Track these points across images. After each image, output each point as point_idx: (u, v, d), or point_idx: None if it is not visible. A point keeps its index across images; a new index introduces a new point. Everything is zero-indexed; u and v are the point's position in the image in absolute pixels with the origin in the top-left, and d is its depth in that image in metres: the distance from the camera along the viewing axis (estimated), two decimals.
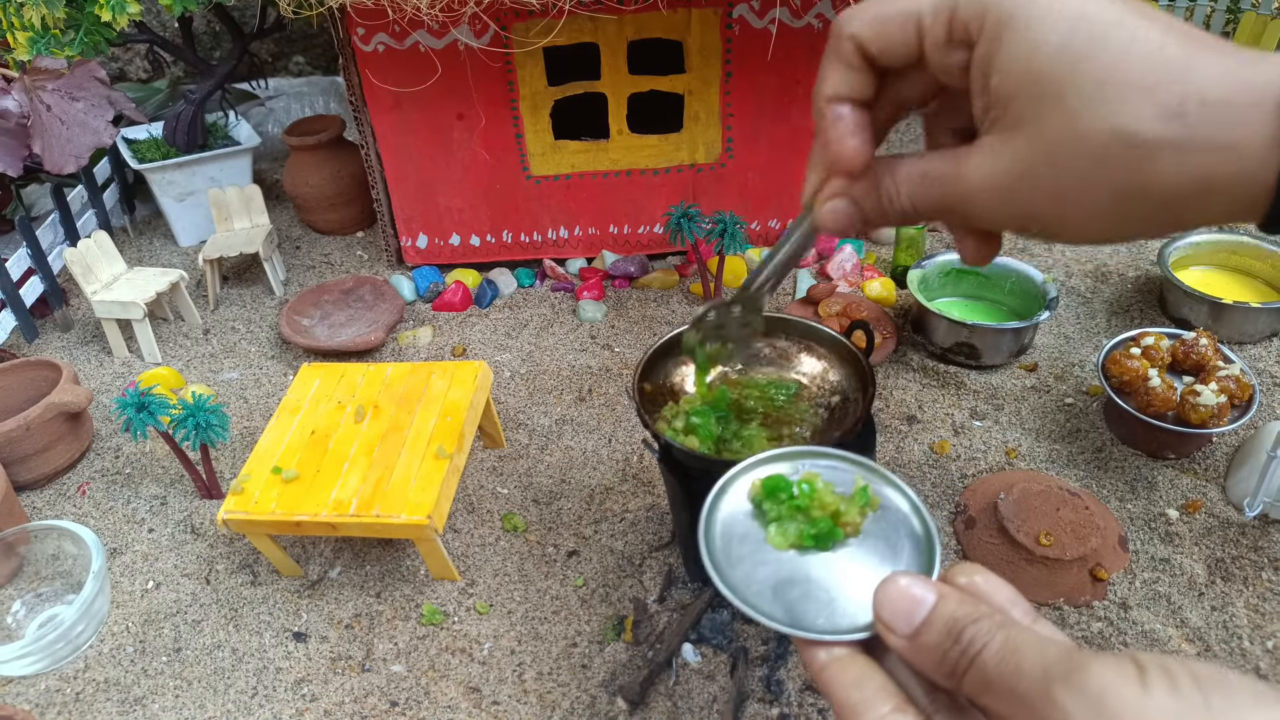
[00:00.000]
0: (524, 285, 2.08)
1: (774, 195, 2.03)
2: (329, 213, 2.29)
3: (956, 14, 0.42)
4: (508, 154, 1.94)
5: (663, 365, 1.22)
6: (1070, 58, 0.38)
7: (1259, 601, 1.26)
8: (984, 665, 0.39)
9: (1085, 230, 0.41)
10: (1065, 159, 0.39)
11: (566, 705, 1.21)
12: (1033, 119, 0.40)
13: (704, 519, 0.55)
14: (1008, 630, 0.40)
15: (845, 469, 0.57)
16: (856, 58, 0.47)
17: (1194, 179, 0.37)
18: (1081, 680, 0.35)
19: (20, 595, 1.40)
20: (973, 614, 0.41)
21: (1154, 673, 0.35)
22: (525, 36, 1.71)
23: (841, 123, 0.47)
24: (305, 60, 3.03)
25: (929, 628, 0.42)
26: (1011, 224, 0.43)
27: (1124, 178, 0.38)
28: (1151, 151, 0.37)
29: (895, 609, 0.43)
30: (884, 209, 0.48)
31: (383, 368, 1.52)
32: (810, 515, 0.53)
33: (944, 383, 1.70)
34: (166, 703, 1.26)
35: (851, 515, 0.52)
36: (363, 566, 1.43)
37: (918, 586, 0.43)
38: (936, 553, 0.51)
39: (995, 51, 0.41)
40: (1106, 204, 0.40)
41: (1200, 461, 1.48)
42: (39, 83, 1.80)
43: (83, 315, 2.09)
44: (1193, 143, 0.37)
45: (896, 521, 0.54)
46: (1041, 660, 0.37)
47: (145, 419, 1.43)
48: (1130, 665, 0.35)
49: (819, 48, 1.82)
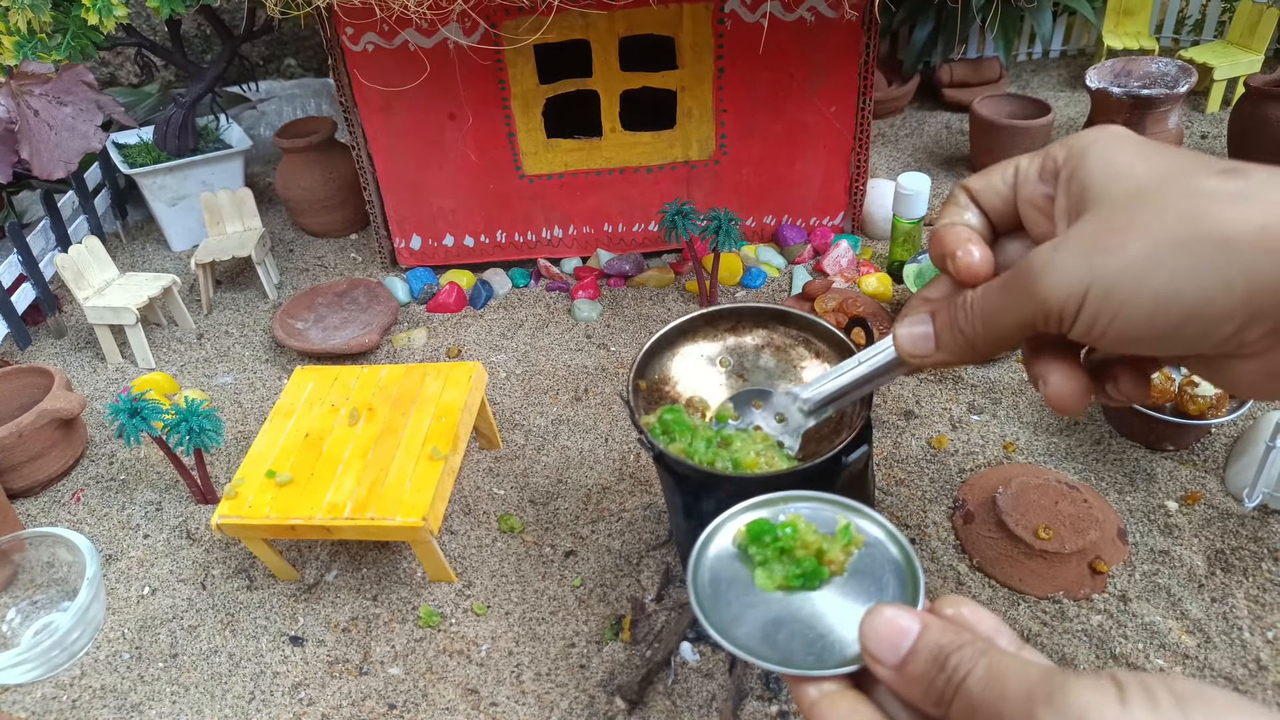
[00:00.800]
0: (519, 285, 2.08)
1: (769, 191, 2.02)
2: (322, 215, 2.28)
3: (1048, 154, 0.46)
4: (500, 153, 1.93)
5: (658, 361, 1.21)
6: (1142, 157, 0.42)
7: (1259, 592, 1.25)
8: (969, 691, 0.40)
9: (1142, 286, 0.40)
10: (1127, 215, 0.41)
11: (565, 705, 1.20)
12: (1100, 199, 0.42)
13: (692, 565, 0.57)
14: (990, 656, 0.40)
15: (827, 510, 0.59)
16: (965, 199, 0.51)
17: (1256, 222, 0.37)
18: (1062, 701, 0.36)
19: (15, 603, 1.39)
20: (956, 641, 0.42)
21: (1133, 690, 0.35)
22: (515, 34, 1.70)
23: (960, 236, 0.49)
24: (297, 62, 3.02)
25: (915, 657, 0.43)
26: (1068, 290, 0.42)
27: (1185, 221, 0.39)
28: (1213, 200, 0.39)
29: (881, 640, 0.44)
30: (952, 319, 0.48)
31: (376, 370, 1.51)
32: (795, 556, 0.54)
33: (941, 377, 1.69)
34: (163, 709, 1.25)
35: (835, 553, 0.54)
36: (359, 569, 1.42)
37: (903, 617, 0.44)
38: (920, 584, 0.52)
39: (1076, 167, 0.44)
40: (1166, 248, 0.39)
41: (1199, 453, 1.47)
42: (26, 87, 1.79)
43: (76, 322, 2.08)
44: (1253, 195, 0.38)
45: (880, 556, 0.56)
46: (1024, 683, 0.38)
47: (138, 424, 1.42)
48: (1110, 684, 0.36)
49: (812, 42, 1.81)
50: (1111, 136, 0.44)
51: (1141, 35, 2.69)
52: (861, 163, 1.99)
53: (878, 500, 1.45)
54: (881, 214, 2.05)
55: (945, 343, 0.49)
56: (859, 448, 1.11)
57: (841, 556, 0.53)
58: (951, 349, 0.49)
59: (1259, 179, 0.38)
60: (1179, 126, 2.15)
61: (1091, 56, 2.85)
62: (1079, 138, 0.45)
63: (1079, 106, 2.57)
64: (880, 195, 2.05)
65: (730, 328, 1.25)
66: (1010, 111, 2.27)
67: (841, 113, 1.91)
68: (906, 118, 2.65)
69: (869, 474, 1.17)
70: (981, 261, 0.47)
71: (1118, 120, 2.12)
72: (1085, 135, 0.45)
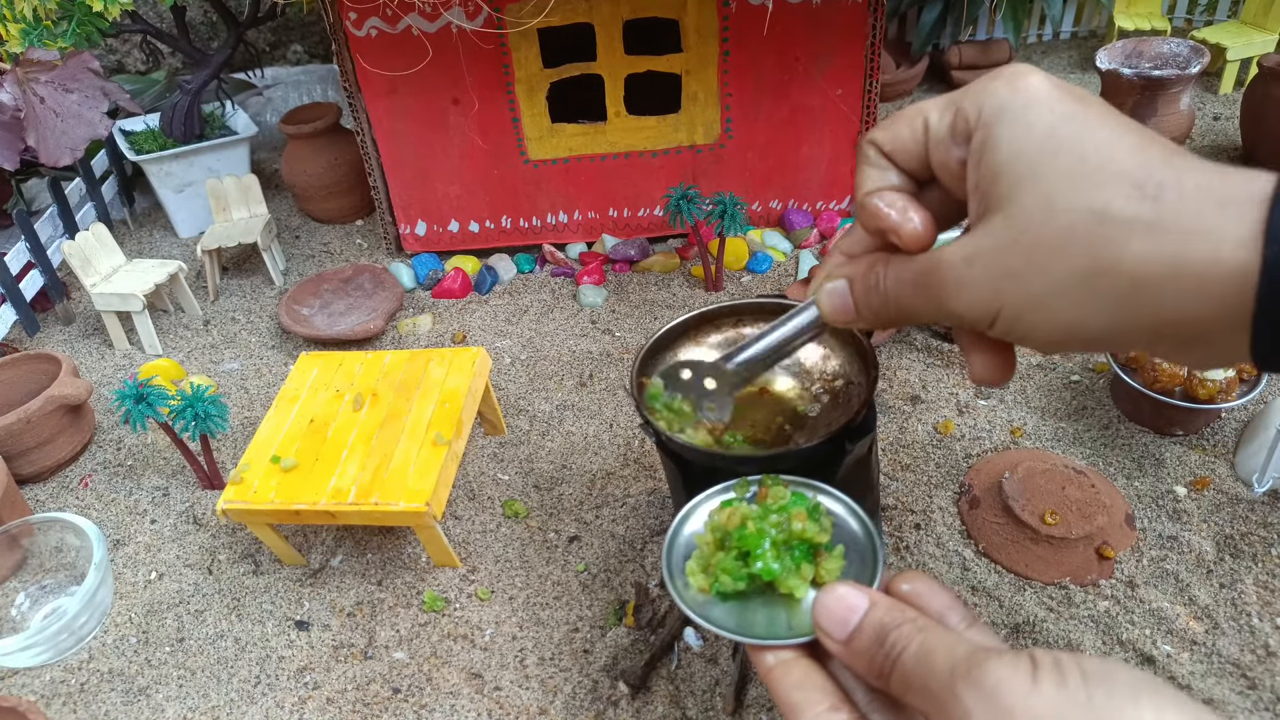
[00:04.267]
0: (524, 271, 2.07)
1: (774, 175, 2.01)
2: (327, 201, 2.28)
3: (958, 111, 0.43)
4: (505, 138, 1.93)
5: (661, 358, 1.21)
6: (1054, 143, 0.39)
7: (1268, 578, 1.24)
8: (904, 666, 0.42)
9: (1053, 316, 0.40)
10: (1036, 235, 0.39)
11: (568, 690, 1.21)
12: (1011, 198, 0.40)
13: (669, 540, 0.60)
14: (925, 634, 0.43)
15: (797, 488, 0.61)
16: (878, 157, 0.48)
17: (1165, 260, 0.36)
18: (979, 677, 0.39)
19: (24, 587, 1.40)
20: (898, 619, 0.44)
21: (1045, 668, 0.38)
22: (518, 17, 1.69)
23: (895, 206, 0.46)
24: (303, 48, 3.01)
25: (860, 633, 0.45)
26: (981, 312, 0.42)
27: (1093, 255, 0.37)
28: (1123, 229, 0.37)
29: (831, 616, 0.47)
30: (868, 294, 0.48)
31: (381, 355, 1.51)
32: (749, 562, 0.56)
33: (948, 362, 1.68)
34: (170, 692, 1.26)
35: (821, 536, 0.56)
36: (364, 555, 1.43)
37: (853, 595, 0.47)
38: (880, 559, 0.55)
39: (987, 138, 0.41)
40: (1073, 282, 0.38)
41: (1209, 437, 1.46)
42: (32, 75, 1.79)
43: (84, 308, 2.09)
44: (1165, 223, 0.36)
45: (844, 534, 0.58)
46: (950, 659, 0.41)
47: (144, 410, 1.43)
48: (1026, 662, 0.38)
49: (817, 24, 1.79)
50: (1025, 101, 0.40)
51: (1153, 15, 2.65)
52: None
53: (883, 485, 1.45)
54: None
55: (864, 314, 0.49)
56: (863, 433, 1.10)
57: (825, 537, 0.55)
58: (870, 321, 0.49)
59: (1172, 203, 0.36)
60: (1191, 108, 2.12)
61: (1102, 38, 2.81)
62: (991, 94, 0.41)
63: (1089, 88, 2.53)
64: None
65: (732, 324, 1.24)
66: None
67: (848, 95, 1.89)
68: (915, 100, 2.62)
69: (873, 459, 1.16)
70: (924, 228, 0.45)
71: (1128, 102, 2.09)
72: (997, 92, 0.41)
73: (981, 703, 0.38)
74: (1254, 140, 2.10)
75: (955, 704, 0.39)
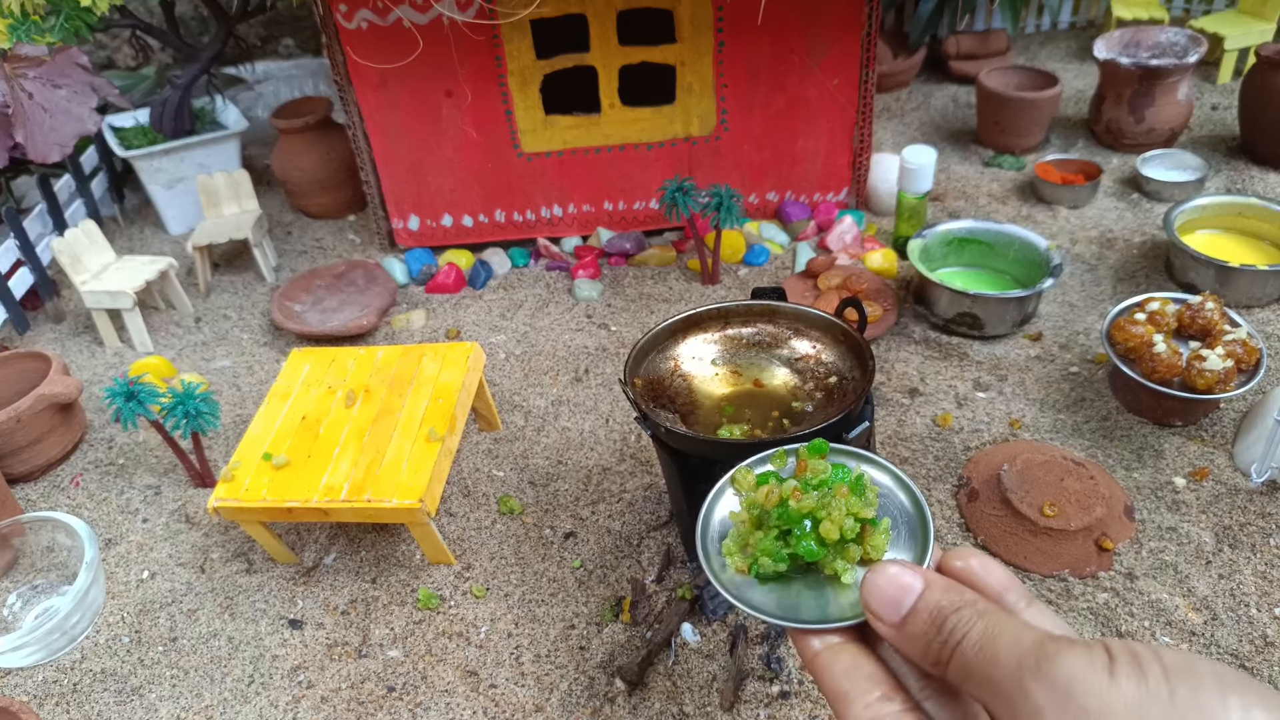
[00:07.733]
0: (518, 265, 2.06)
1: (771, 167, 1.99)
2: (319, 196, 2.26)
3: None
4: (498, 131, 1.91)
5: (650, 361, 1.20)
6: None
7: (1267, 568, 1.23)
8: (964, 654, 0.39)
9: None
10: None
11: (564, 687, 1.20)
12: None
13: (702, 517, 0.55)
14: (987, 619, 0.40)
15: (838, 460, 0.55)
16: None
17: None
18: (1050, 670, 0.35)
19: (16, 587, 1.39)
20: (956, 602, 0.41)
21: (1123, 661, 0.35)
22: (510, 8, 1.67)
23: None
24: (294, 43, 2.99)
25: (915, 616, 0.42)
26: None
27: None
28: None
29: (883, 598, 0.43)
30: None
31: (373, 351, 1.50)
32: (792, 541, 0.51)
33: (946, 354, 1.67)
34: (164, 692, 1.25)
35: (867, 511, 0.50)
36: (358, 552, 1.41)
37: (906, 575, 0.43)
38: (930, 533, 0.50)
39: None
40: None
41: (1208, 428, 1.45)
42: (20, 70, 1.77)
43: (74, 306, 2.07)
44: None
45: (891, 506, 0.53)
46: (1016, 650, 0.37)
47: (135, 408, 1.41)
48: (1100, 654, 0.35)
49: (813, 13, 1.77)
50: None
51: (1151, 5, 2.64)
52: (865, 137, 1.96)
53: None
54: (886, 189, 2.02)
55: None
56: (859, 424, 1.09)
57: (870, 513, 0.50)
58: None
59: None
60: (1189, 97, 2.10)
61: (1100, 27, 2.79)
62: None
63: (1088, 78, 2.52)
64: (885, 170, 2.02)
65: (720, 326, 1.23)
66: (1018, 83, 2.23)
67: (844, 86, 1.88)
68: (913, 91, 2.61)
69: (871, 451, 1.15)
70: None
71: (1126, 92, 2.08)
72: None
73: (1054, 700, 0.35)
74: (1252, 129, 2.09)
75: (1024, 700, 0.36)
